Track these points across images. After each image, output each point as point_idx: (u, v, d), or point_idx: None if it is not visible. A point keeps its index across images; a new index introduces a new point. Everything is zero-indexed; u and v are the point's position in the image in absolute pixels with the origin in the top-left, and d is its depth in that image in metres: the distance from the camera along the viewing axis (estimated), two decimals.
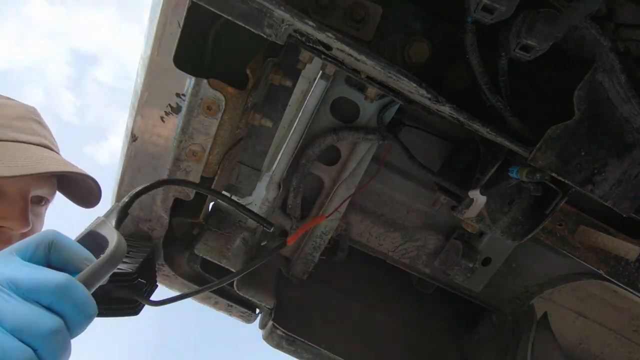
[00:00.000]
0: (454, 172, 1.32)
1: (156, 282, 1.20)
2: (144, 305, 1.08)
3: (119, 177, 1.12)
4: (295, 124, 1.22)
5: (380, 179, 1.44)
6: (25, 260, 0.53)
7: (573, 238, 1.25)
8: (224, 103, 0.94)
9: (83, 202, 1.17)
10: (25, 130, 1.03)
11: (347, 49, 0.79)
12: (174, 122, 0.97)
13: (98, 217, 0.69)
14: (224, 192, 1.21)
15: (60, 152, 1.13)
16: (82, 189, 1.13)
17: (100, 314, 0.71)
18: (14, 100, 1.10)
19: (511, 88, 0.89)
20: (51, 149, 1.07)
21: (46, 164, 0.96)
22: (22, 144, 0.99)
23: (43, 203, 1.07)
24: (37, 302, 0.49)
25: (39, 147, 1.02)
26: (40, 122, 1.10)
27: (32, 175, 0.92)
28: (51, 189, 1.07)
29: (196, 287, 1.33)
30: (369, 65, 0.82)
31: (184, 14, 0.81)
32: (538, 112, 0.96)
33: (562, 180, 0.89)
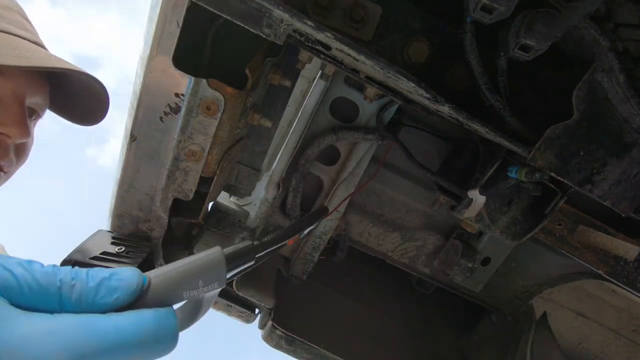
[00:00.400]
0: (453, 172, 1.32)
1: None
2: None
3: (118, 177, 1.12)
4: (295, 123, 1.22)
5: (379, 179, 1.44)
6: None
7: (572, 238, 1.25)
8: (223, 103, 0.94)
9: (84, 119, 1.04)
10: (15, 23, 0.88)
11: (346, 49, 0.79)
12: (173, 122, 0.97)
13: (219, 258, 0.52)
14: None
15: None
16: (81, 103, 0.99)
17: None
18: None
19: (510, 88, 0.89)
20: (45, 49, 0.92)
21: (44, 59, 0.82)
22: (13, 37, 0.84)
23: (34, 117, 0.95)
24: None
25: (31, 43, 0.87)
26: (27, 19, 0.95)
27: (37, 68, 0.79)
28: (44, 100, 0.94)
29: None
30: (368, 65, 0.82)
31: (183, 13, 0.81)
32: (537, 112, 0.96)
33: (561, 180, 0.89)
